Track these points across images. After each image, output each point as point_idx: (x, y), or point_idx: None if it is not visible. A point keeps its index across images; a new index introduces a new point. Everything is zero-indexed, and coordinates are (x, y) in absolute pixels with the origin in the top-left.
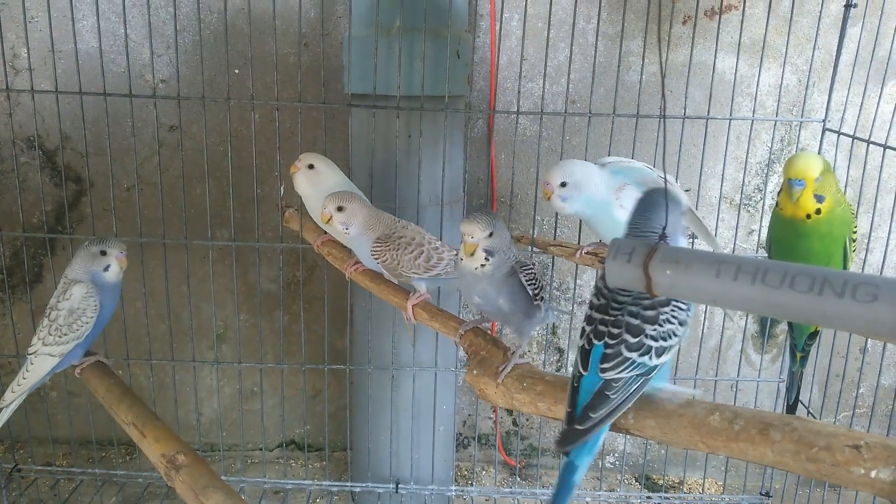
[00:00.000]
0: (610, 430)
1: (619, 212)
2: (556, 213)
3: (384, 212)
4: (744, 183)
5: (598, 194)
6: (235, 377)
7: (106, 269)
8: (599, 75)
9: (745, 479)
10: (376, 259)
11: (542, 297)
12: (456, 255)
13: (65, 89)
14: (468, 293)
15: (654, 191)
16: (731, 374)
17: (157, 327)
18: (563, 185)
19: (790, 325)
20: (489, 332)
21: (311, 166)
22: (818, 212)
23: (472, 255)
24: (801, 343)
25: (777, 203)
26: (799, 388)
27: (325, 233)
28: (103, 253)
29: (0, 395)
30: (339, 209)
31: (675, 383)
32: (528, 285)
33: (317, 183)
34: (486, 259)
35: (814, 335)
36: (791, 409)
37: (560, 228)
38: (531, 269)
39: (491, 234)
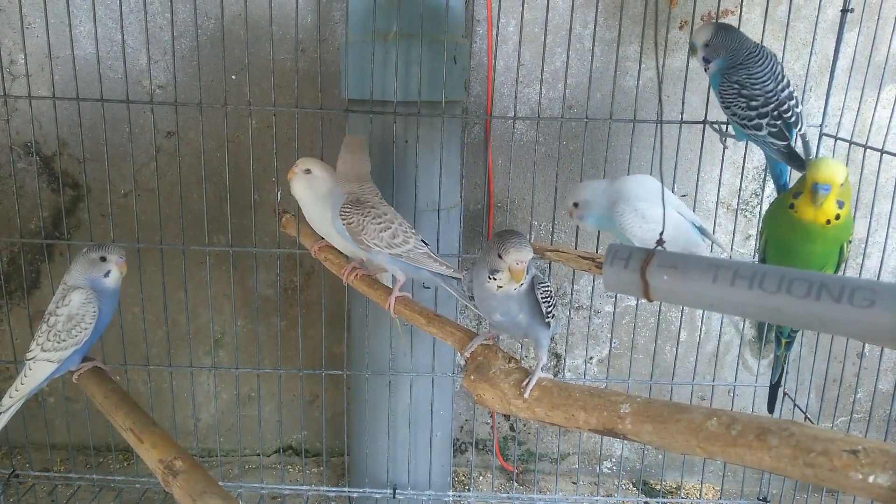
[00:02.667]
0: (606, 435)
1: (621, 220)
2: (553, 219)
3: (374, 186)
4: (741, 188)
5: (602, 209)
6: (233, 383)
7: (106, 274)
8: (596, 80)
9: (742, 483)
10: (343, 220)
11: (554, 315)
12: (435, 258)
13: (62, 95)
14: (490, 311)
15: None
16: (729, 379)
17: (155, 333)
18: (576, 205)
19: None
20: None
21: (308, 171)
22: (837, 217)
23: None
24: (786, 331)
25: (792, 205)
26: (783, 369)
27: (322, 238)
28: (103, 259)
29: None
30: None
31: (671, 389)
32: (543, 303)
33: (314, 188)
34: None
35: None
36: (773, 388)
37: (557, 234)
38: (547, 285)
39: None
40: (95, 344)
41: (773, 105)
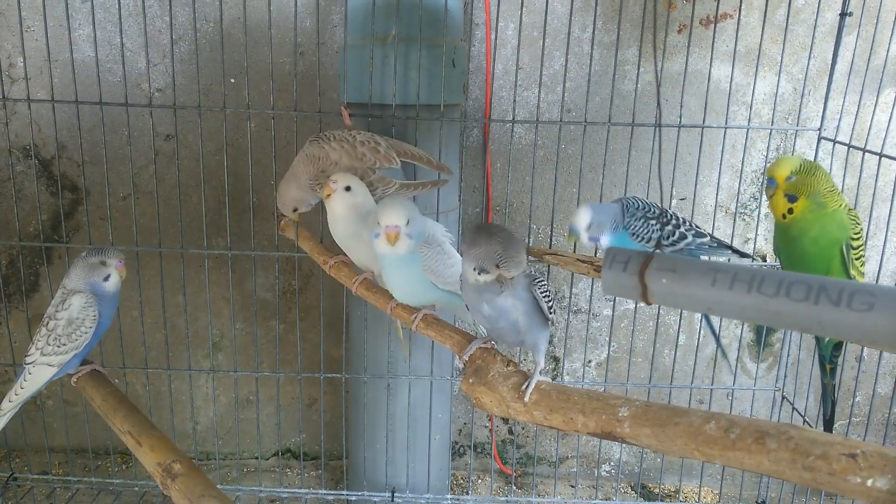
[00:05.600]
0: (605, 439)
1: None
2: (552, 222)
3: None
4: (739, 191)
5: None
6: (231, 386)
7: (106, 278)
8: (595, 84)
9: (741, 487)
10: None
11: (554, 311)
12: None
13: (61, 98)
14: (484, 311)
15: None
16: (727, 382)
17: (154, 336)
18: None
19: (816, 337)
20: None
21: (348, 188)
22: (791, 211)
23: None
24: (828, 355)
25: None
26: (833, 401)
27: (339, 253)
28: (103, 263)
29: None
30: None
31: (670, 392)
32: (543, 297)
33: (356, 206)
34: None
35: (839, 346)
36: (828, 423)
37: (555, 237)
38: (543, 281)
39: None
40: (94, 347)
41: (671, 225)
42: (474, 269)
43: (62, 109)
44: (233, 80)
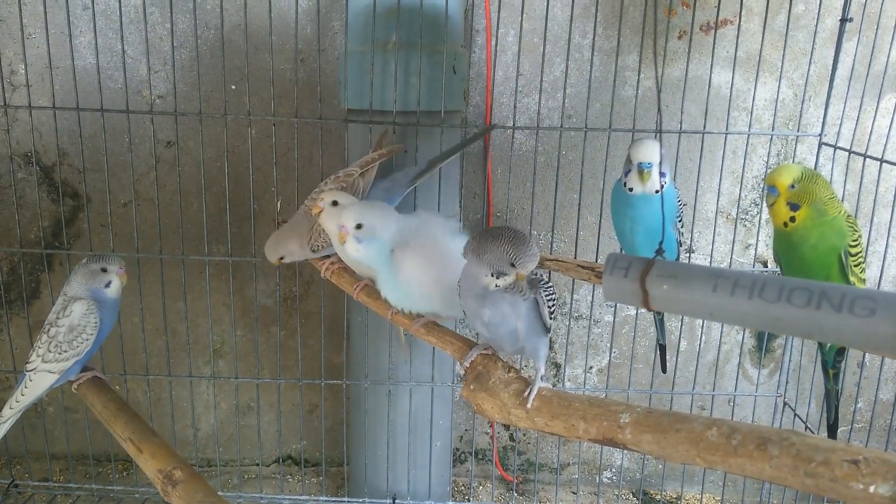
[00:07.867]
0: (606, 445)
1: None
2: (553, 228)
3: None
4: (740, 197)
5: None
6: (232, 392)
7: (107, 285)
8: (595, 90)
9: (742, 493)
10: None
11: (555, 317)
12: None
13: (62, 105)
14: (484, 317)
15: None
16: (729, 388)
17: (154, 343)
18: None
19: (819, 343)
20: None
21: (335, 203)
22: (792, 219)
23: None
24: (831, 360)
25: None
26: (836, 406)
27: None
28: (104, 269)
29: None
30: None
31: (671, 398)
32: (547, 301)
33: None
34: None
35: (841, 351)
36: (831, 428)
37: (556, 243)
38: (550, 284)
39: None
40: (95, 353)
41: None
42: (490, 274)
43: (63, 116)
44: (233, 87)
